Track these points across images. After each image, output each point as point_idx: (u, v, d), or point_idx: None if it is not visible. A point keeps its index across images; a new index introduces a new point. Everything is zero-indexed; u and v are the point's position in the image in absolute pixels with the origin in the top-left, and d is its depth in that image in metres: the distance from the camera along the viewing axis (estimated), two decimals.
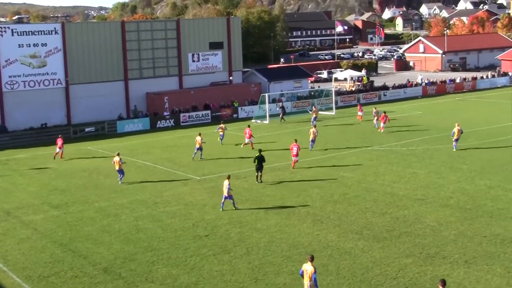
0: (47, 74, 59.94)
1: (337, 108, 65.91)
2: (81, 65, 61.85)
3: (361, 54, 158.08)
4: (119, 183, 36.28)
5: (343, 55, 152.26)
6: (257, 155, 35.21)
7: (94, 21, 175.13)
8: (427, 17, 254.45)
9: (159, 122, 60.31)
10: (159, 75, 67.07)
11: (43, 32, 59.81)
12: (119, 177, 36.52)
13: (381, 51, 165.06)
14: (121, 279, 22.17)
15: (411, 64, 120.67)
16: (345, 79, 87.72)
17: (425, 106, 68.35)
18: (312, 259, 18.81)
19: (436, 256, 23.15)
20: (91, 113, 61.36)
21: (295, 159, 38.36)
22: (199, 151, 42.37)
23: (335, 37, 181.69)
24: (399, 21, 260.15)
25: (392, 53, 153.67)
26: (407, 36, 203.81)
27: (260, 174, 35.32)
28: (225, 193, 29.77)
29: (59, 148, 45.33)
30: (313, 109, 57.78)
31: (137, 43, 65.44)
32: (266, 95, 61.71)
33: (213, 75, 70.61)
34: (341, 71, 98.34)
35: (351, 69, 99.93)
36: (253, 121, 59.84)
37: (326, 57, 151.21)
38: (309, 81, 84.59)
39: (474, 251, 23.52)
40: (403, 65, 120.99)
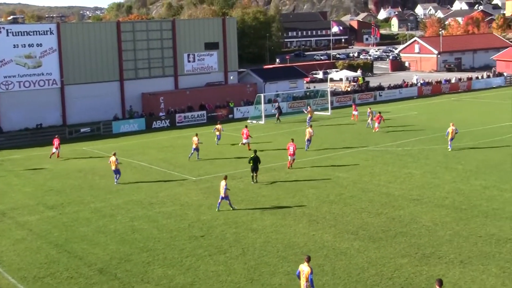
0: (42, 74, 59.77)
1: (332, 108, 66.00)
2: (76, 66, 61.72)
3: (356, 54, 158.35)
4: (115, 184, 36.25)
5: (338, 56, 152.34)
6: (252, 156, 35.24)
7: (89, 22, 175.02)
8: (423, 17, 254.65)
9: (154, 122, 60.26)
10: (155, 76, 66.98)
11: (38, 32, 59.65)
12: (115, 177, 36.48)
13: (377, 51, 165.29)
14: (116, 280, 22.15)
15: (407, 64, 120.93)
16: (341, 80, 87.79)
17: (420, 106, 68.47)
18: (308, 259, 18.84)
19: (431, 256, 23.19)
20: (86, 114, 61.21)
21: (291, 158, 38.46)
22: (195, 151, 42.38)
23: (331, 38, 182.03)
24: (395, 22, 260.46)
25: (387, 54, 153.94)
26: (402, 36, 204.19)
27: (255, 174, 35.36)
28: (222, 194, 29.78)
29: (55, 148, 45.29)
30: (308, 109, 57.84)
31: (132, 43, 65.35)
32: (261, 95, 61.80)
33: (208, 76, 70.56)
34: (337, 71, 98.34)
35: (347, 69, 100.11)
36: (248, 121, 59.86)
37: (321, 57, 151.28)
38: (305, 82, 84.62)
39: (469, 251, 23.57)
40: (398, 65, 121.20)
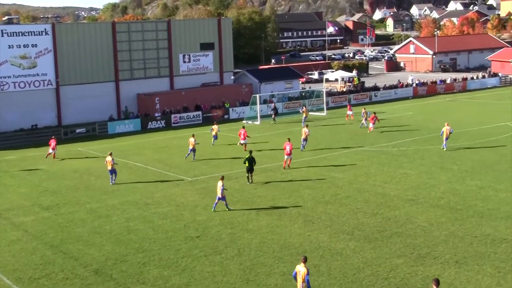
0: (38, 75, 59.63)
1: (328, 109, 66.05)
2: (71, 66, 61.62)
3: (352, 54, 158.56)
4: (111, 184, 36.20)
5: (334, 56, 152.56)
6: (248, 157, 35.25)
7: (84, 22, 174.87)
8: (418, 18, 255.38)
9: (150, 123, 60.18)
10: (150, 76, 66.91)
11: (33, 33, 59.52)
12: (111, 177, 36.42)
13: (372, 51, 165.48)
14: (112, 281, 22.11)
15: (402, 64, 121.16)
16: (336, 80, 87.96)
17: (415, 106, 68.59)
18: (305, 260, 18.84)
19: (427, 256, 23.23)
20: (81, 114, 61.09)
21: (288, 157, 38.49)
22: (192, 152, 42.35)
23: (326, 38, 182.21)
24: (390, 22, 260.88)
25: (383, 54, 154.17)
26: (397, 37, 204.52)
27: (251, 175, 35.36)
28: (219, 194, 29.75)
29: (52, 149, 45.23)
30: (303, 109, 57.90)
31: (128, 44, 65.27)
32: (257, 96, 61.80)
33: (204, 76, 70.55)
34: (332, 71, 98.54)
35: (342, 69, 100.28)
36: (244, 122, 59.83)
37: (317, 58, 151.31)
38: (300, 82, 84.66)
39: (464, 251, 23.62)
40: (393, 65, 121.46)
